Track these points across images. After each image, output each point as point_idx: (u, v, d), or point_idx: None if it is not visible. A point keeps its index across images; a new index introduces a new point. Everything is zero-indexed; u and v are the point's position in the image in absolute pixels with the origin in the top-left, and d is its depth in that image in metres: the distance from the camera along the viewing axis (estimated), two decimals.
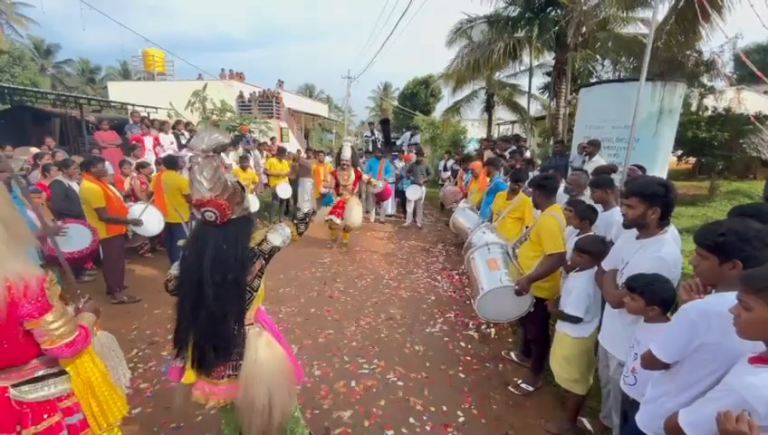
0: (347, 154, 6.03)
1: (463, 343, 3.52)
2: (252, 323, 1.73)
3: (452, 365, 3.18)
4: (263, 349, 1.67)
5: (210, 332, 1.56)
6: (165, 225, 4.84)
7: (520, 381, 2.89)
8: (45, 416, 1.36)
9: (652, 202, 1.80)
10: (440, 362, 3.21)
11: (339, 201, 6.10)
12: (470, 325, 3.85)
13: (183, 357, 1.69)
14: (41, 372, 1.38)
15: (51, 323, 1.28)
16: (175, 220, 4.98)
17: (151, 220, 4.62)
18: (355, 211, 6.02)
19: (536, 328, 2.85)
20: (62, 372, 1.43)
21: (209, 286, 1.51)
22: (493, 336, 3.67)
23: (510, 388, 2.86)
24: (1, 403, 1.30)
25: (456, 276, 5.19)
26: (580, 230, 2.62)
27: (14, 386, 1.33)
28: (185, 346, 1.65)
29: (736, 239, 1.28)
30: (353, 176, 6.12)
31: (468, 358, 3.29)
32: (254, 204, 6.86)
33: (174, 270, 1.70)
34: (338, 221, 6.02)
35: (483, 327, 3.79)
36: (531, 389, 2.83)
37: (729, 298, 1.25)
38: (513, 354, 3.29)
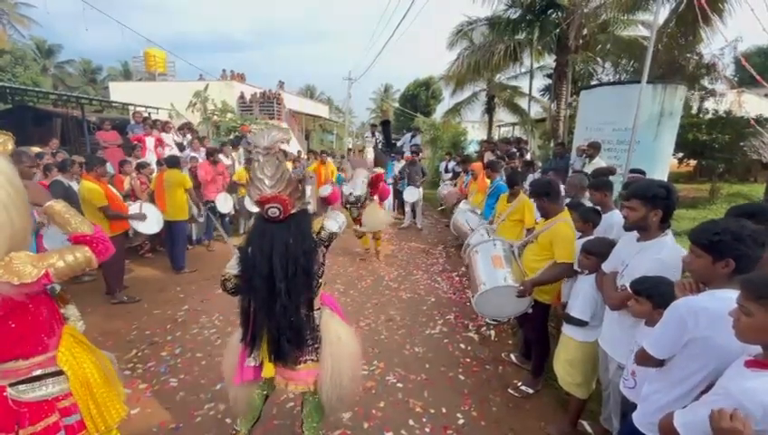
0: (370, 156, 5.60)
1: (463, 345, 3.52)
2: (320, 308, 1.80)
3: (452, 367, 3.17)
4: (340, 327, 1.80)
5: (285, 323, 1.61)
6: (165, 224, 4.85)
7: (520, 384, 2.89)
8: (43, 416, 1.35)
9: (654, 204, 1.80)
10: (440, 364, 3.21)
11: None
12: (470, 327, 3.84)
13: (254, 356, 1.73)
14: (38, 372, 1.37)
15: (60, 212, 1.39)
16: (175, 218, 4.99)
17: (150, 219, 4.62)
18: (372, 215, 5.45)
19: (535, 330, 2.84)
20: (60, 373, 1.42)
21: (281, 281, 1.56)
22: (493, 338, 3.66)
23: (510, 390, 2.86)
24: (0, 403, 1.30)
25: (457, 278, 5.19)
26: (582, 233, 2.61)
27: (11, 385, 1.33)
28: (258, 343, 1.69)
29: (731, 238, 1.30)
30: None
31: (468, 360, 3.29)
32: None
33: (232, 269, 1.69)
34: (359, 228, 5.56)
35: (483, 329, 3.79)
36: (531, 391, 2.82)
37: (719, 295, 1.29)
38: (513, 356, 3.28)
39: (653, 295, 1.63)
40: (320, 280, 1.74)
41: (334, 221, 1.79)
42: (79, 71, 30.65)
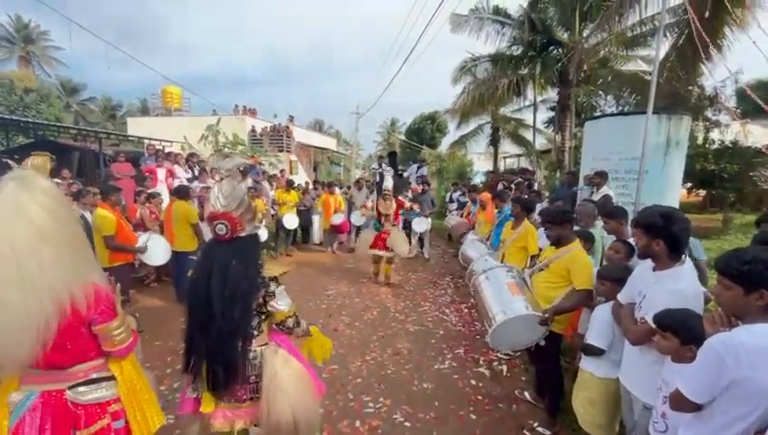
0: (389, 183, 5.87)
1: (473, 381, 3.35)
2: (266, 344, 1.72)
3: (462, 405, 3.00)
4: (281, 367, 1.67)
5: (219, 350, 1.55)
6: (172, 254, 4.84)
7: (536, 425, 2.71)
8: (97, 418, 1.42)
9: (654, 234, 1.75)
10: (450, 402, 3.04)
11: (381, 234, 5.83)
12: (481, 362, 3.67)
13: (195, 387, 1.66)
14: (94, 375, 1.45)
15: (114, 329, 1.40)
16: (182, 249, 4.99)
17: (158, 250, 4.62)
18: (400, 240, 5.83)
19: (547, 363, 2.70)
20: (111, 377, 1.49)
21: (218, 302, 1.51)
22: (505, 374, 3.48)
23: (525, 432, 2.67)
24: (60, 406, 1.37)
25: (466, 310, 5.04)
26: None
27: (70, 388, 1.40)
28: (198, 371, 1.61)
29: (763, 268, 1.22)
30: (394, 205, 5.90)
31: (479, 397, 3.11)
32: (261, 234, 6.84)
33: None
34: (383, 254, 5.80)
35: (494, 364, 3.62)
36: (548, 433, 2.64)
37: (757, 330, 1.20)
38: (527, 394, 3.10)
39: (680, 330, 1.51)
40: (263, 316, 1.68)
41: (284, 300, 1.70)
42: (100, 107, 32.12)
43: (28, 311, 1.19)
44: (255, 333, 1.66)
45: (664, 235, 1.73)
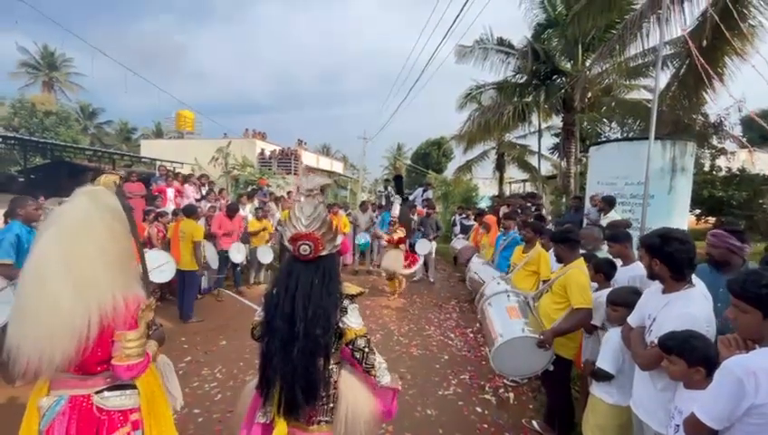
0: (395, 211, 6.68)
1: (479, 409, 3.23)
2: (339, 362, 1.69)
3: (467, 433, 2.88)
4: (359, 388, 1.66)
5: (300, 370, 1.51)
6: (177, 272, 4.86)
7: None
8: (119, 426, 1.42)
9: (652, 254, 1.77)
10: (454, 430, 2.92)
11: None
12: (487, 388, 3.56)
13: (265, 411, 1.59)
14: (119, 382, 1.46)
15: (128, 341, 1.38)
16: (188, 268, 5.02)
17: (163, 267, 4.65)
18: (392, 257, 6.59)
19: (556, 390, 2.61)
20: (134, 386, 1.49)
21: (302, 320, 1.50)
22: (512, 401, 3.36)
23: None
24: (86, 411, 1.38)
25: (471, 334, 4.93)
26: (598, 286, 2.51)
27: (96, 392, 1.42)
28: (271, 392, 1.57)
29: None
30: (401, 233, 6.61)
31: (485, 426, 2.99)
32: (267, 255, 6.88)
33: (259, 317, 1.66)
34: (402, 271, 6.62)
35: (500, 391, 3.50)
36: None
37: None
38: (535, 423, 2.98)
39: (684, 352, 1.48)
40: (342, 336, 1.65)
41: (356, 318, 1.68)
42: (116, 130, 33.18)
43: (76, 317, 1.27)
44: (333, 350, 1.64)
45: (660, 255, 1.74)
